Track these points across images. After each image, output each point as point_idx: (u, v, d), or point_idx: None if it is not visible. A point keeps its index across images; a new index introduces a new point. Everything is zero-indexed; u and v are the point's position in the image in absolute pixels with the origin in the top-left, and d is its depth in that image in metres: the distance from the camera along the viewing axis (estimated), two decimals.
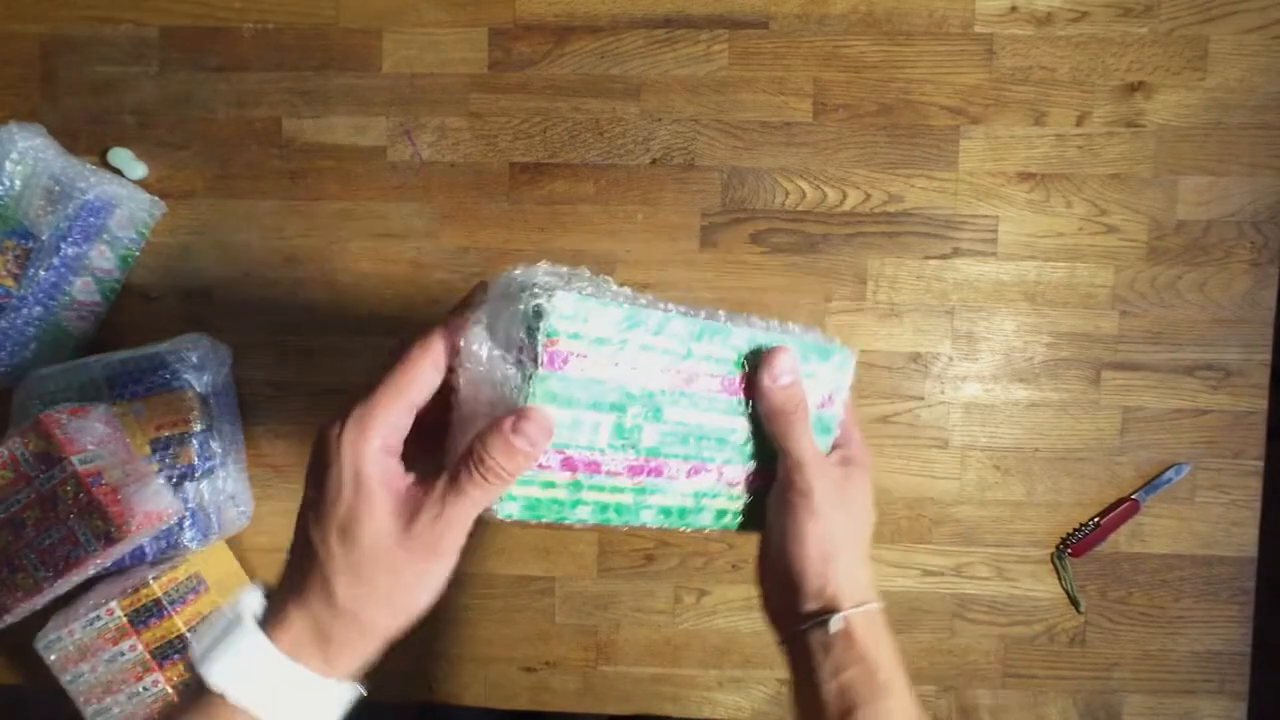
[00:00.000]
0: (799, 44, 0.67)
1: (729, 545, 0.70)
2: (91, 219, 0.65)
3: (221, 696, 0.31)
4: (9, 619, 0.59)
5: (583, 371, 0.33)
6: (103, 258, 0.67)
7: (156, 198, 0.69)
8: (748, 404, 0.39)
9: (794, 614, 0.38)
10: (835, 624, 0.37)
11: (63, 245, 0.64)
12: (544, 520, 0.36)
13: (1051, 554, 0.69)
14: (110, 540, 0.57)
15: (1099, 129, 0.67)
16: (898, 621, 0.69)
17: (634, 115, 0.68)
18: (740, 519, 0.41)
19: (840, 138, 0.68)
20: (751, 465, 0.40)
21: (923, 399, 0.68)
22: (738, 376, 0.38)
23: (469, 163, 0.69)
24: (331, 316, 0.70)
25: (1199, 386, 0.67)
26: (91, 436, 0.59)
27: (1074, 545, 0.68)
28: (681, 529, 0.39)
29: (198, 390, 0.64)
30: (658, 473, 0.37)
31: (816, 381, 0.41)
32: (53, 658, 0.62)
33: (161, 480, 0.63)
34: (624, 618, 0.71)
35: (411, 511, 0.32)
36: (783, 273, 0.68)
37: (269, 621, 0.33)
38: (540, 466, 0.34)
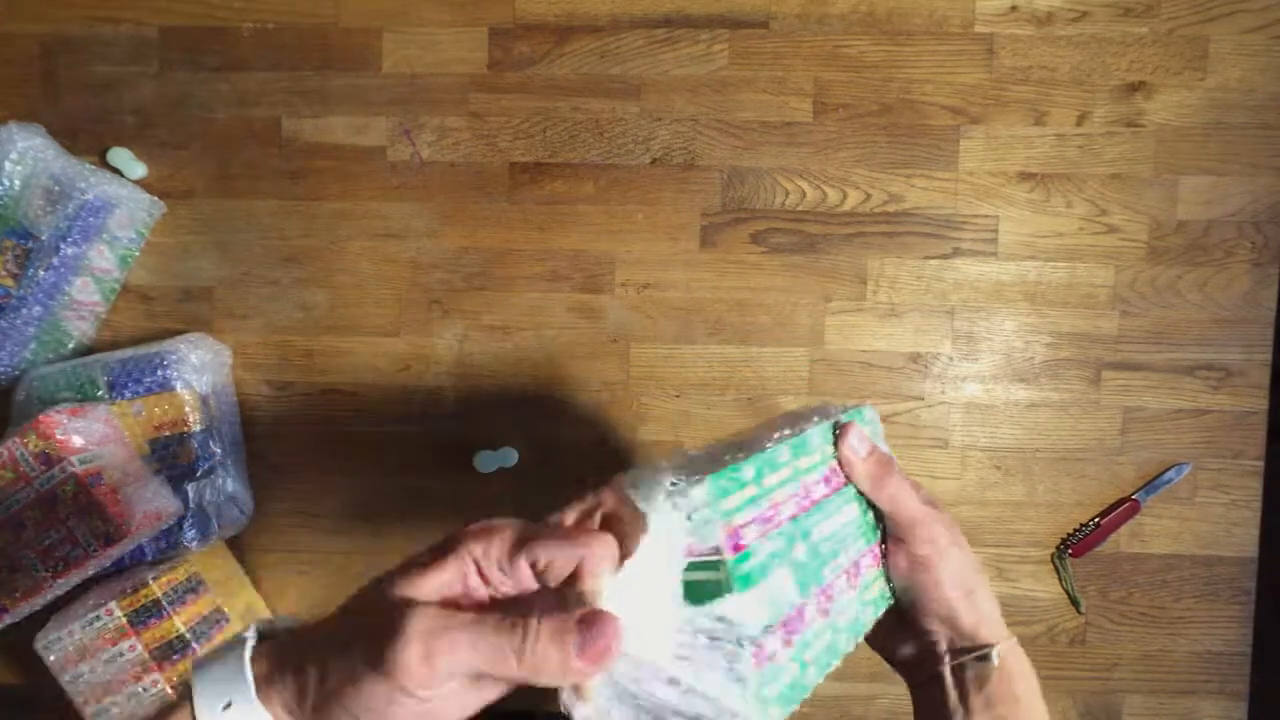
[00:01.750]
0: (799, 44, 0.67)
1: None
2: (91, 219, 0.65)
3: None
4: (9, 619, 0.59)
5: (757, 537, 0.33)
6: (102, 258, 0.67)
7: (156, 198, 0.69)
8: (849, 488, 0.40)
9: (937, 654, 0.40)
10: (996, 657, 0.38)
11: (62, 245, 0.64)
12: (802, 698, 0.34)
13: (1052, 554, 0.69)
14: (110, 540, 0.57)
15: (1099, 129, 0.67)
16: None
17: (634, 115, 0.68)
18: (888, 595, 0.41)
19: (840, 138, 0.68)
20: (875, 542, 0.41)
21: (923, 399, 0.68)
22: (828, 470, 0.39)
23: (469, 163, 0.69)
24: (331, 316, 0.70)
25: (1199, 386, 0.67)
26: (91, 436, 0.59)
27: (1074, 545, 0.68)
28: (860, 638, 0.39)
29: (198, 390, 0.64)
30: (830, 597, 0.36)
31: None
32: (53, 658, 0.62)
33: (161, 480, 0.63)
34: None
35: None
36: (783, 273, 0.68)
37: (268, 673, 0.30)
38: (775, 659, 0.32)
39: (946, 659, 0.39)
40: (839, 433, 0.40)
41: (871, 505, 0.40)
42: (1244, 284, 0.67)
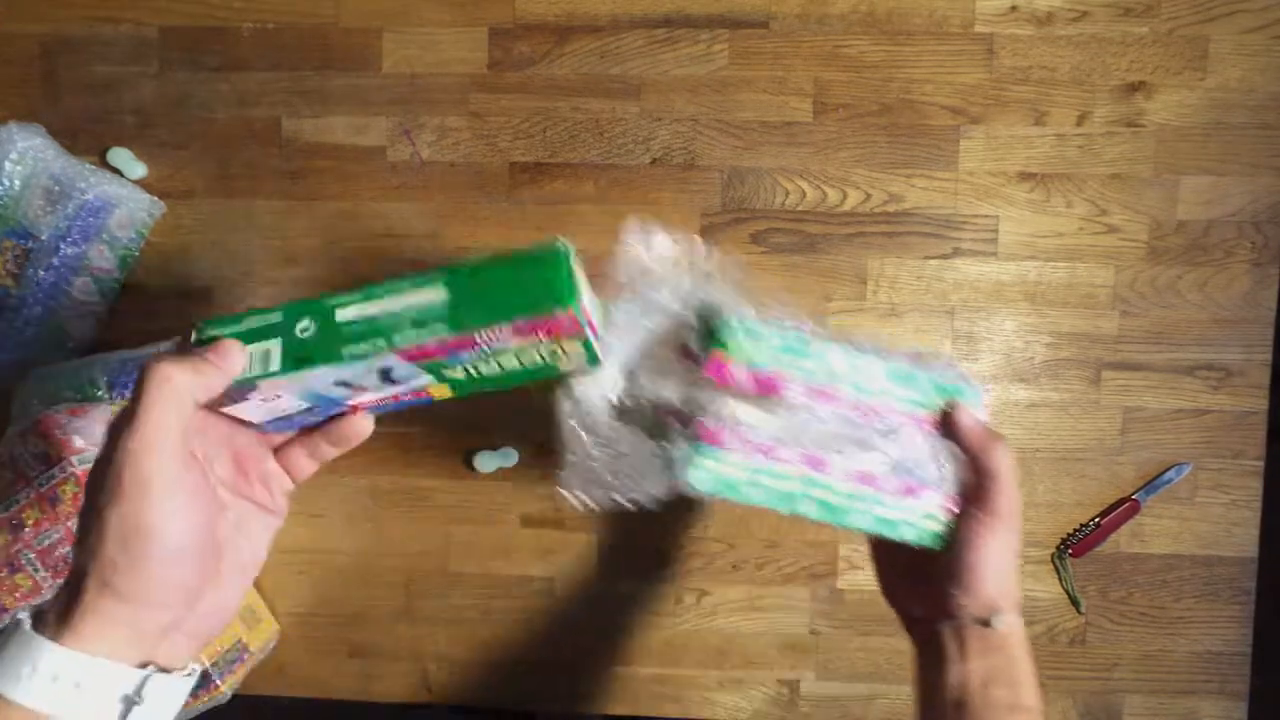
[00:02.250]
0: (799, 44, 0.67)
1: (729, 545, 0.70)
2: (91, 219, 0.65)
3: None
4: (9, 619, 0.59)
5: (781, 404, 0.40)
6: (102, 258, 0.67)
7: (156, 198, 0.69)
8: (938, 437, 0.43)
9: (948, 612, 0.43)
10: (999, 623, 0.41)
11: (62, 245, 0.64)
12: (773, 508, 0.41)
13: (1052, 554, 0.69)
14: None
15: (1099, 129, 0.67)
16: (898, 621, 0.69)
17: (634, 115, 0.68)
18: (936, 540, 0.43)
19: (840, 138, 0.68)
20: (946, 489, 0.43)
21: None
22: (925, 415, 0.43)
23: (469, 162, 0.69)
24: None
25: (1199, 386, 0.67)
26: (91, 436, 0.59)
27: (1074, 545, 0.68)
28: (881, 535, 0.43)
29: None
30: (870, 482, 0.42)
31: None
32: None
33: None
34: (624, 617, 0.70)
35: None
36: (783, 273, 0.68)
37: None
38: (777, 459, 0.40)
39: (955, 616, 0.42)
40: (957, 403, 0.43)
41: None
42: (1244, 284, 0.67)
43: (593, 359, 0.39)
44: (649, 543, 0.70)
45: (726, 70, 0.68)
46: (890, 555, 0.47)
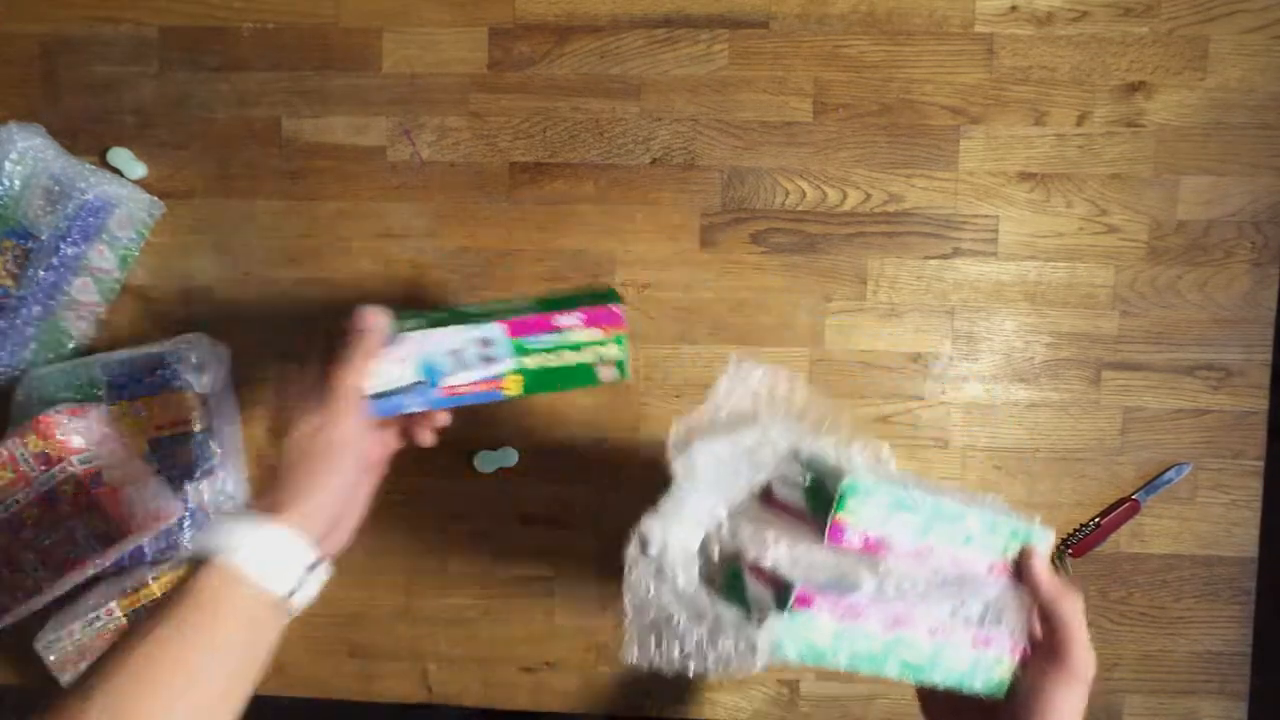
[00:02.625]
0: (799, 44, 0.67)
1: None
2: (91, 219, 0.65)
3: (208, 560, 0.40)
4: (9, 619, 0.59)
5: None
6: (102, 258, 0.67)
7: (156, 198, 0.69)
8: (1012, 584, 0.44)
9: None
10: None
11: (62, 245, 0.64)
12: (860, 671, 0.40)
13: (1052, 554, 0.69)
14: (110, 540, 0.57)
15: (1099, 129, 0.67)
16: None
17: (634, 115, 0.68)
18: (1000, 688, 0.43)
19: (840, 138, 0.68)
20: (1018, 637, 0.43)
21: (923, 399, 0.68)
22: (1000, 560, 0.44)
23: (469, 163, 0.69)
24: (331, 316, 0.70)
25: (1199, 386, 0.67)
26: (91, 436, 0.59)
27: (1074, 545, 0.68)
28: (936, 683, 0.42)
29: (198, 390, 0.64)
30: (941, 634, 0.41)
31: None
32: (52, 658, 0.62)
33: (161, 480, 0.63)
34: (624, 618, 0.70)
35: None
36: (783, 273, 0.68)
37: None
38: (865, 619, 0.39)
39: None
40: (1029, 549, 0.44)
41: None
42: (1244, 284, 0.67)
43: (623, 368, 0.52)
44: None
45: (726, 70, 0.68)
46: (946, 704, 0.46)
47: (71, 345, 0.68)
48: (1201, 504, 0.68)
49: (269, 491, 0.44)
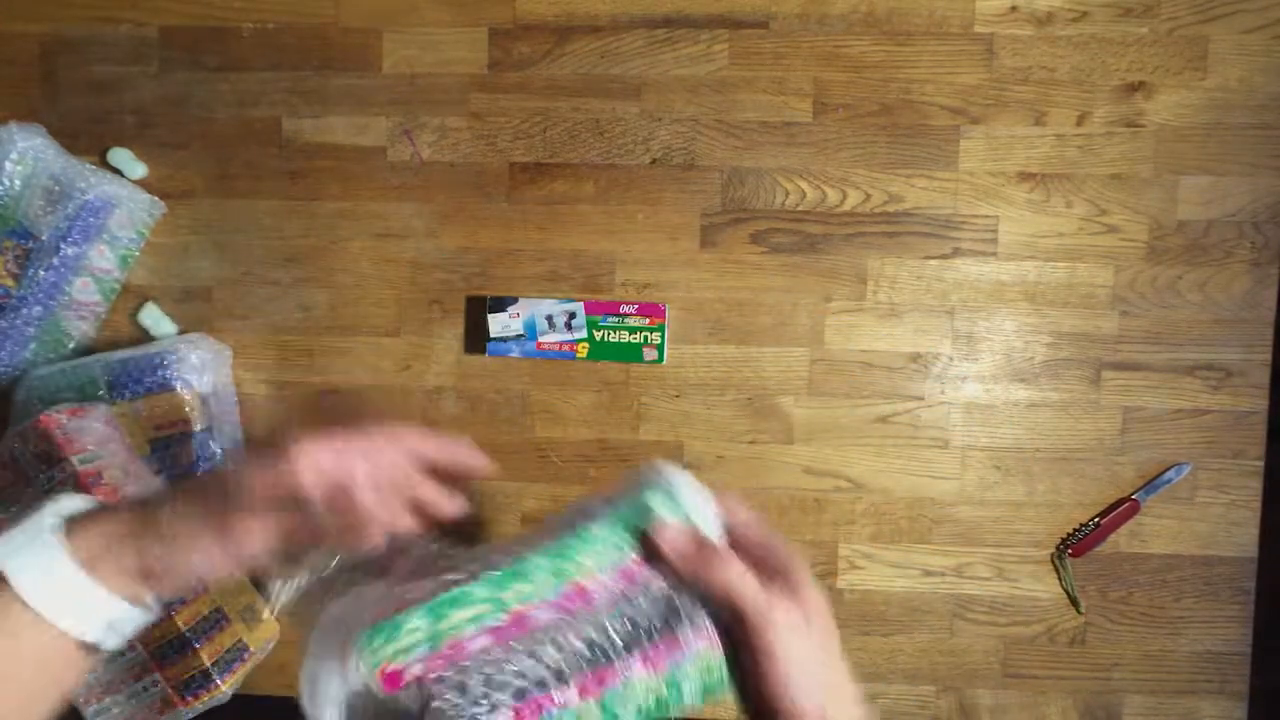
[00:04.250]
0: (799, 44, 0.67)
1: None
2: (91, 219, 0.65)
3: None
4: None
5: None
6: (102, 258, 0.67)
7: (156, 198, 0.69)
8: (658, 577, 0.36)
9: None
10: None
11: (62, 245, 0.64)
12: None
13: (1051, 554, 0.69)
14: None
15: (1099, 129, 0.67)
16: (898, 622, 0.69)
17: (634, 115, 0.68)
18: (724, 676, 0.36)
19: (840, 138, 0.68)
20: (702, 622, 0.36)
21: (923, 399, 0.68)
22: (630, 561, 0.36)
23: (469, 163, 0.69)
24: (331, 316, 0.70)
25: (1199, 386, 0.67)
26: (91, 436, 0.59)
27: (1074, 545, 0.68)
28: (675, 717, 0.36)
29: (198, 390, 0.64)
30: (603, 681, 0.35)
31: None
32: None
33: (161, 480, 0.62)
34: None
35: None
36: (783, 273, 0.68)
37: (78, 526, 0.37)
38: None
39: None
40: (652, 533, 0.36)
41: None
42: (1244, 284, 0.67)
43: (662, 352, 0.67)
44: None
45: (726, 70, 0.68)
46: (743, 702, 0.38)
47: (71, 345, 0.68)
48: (1201, 504, 0.68)
49: (142, 533, 0.37)
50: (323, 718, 0.33)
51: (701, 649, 0.36)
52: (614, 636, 0.35)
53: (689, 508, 0.37)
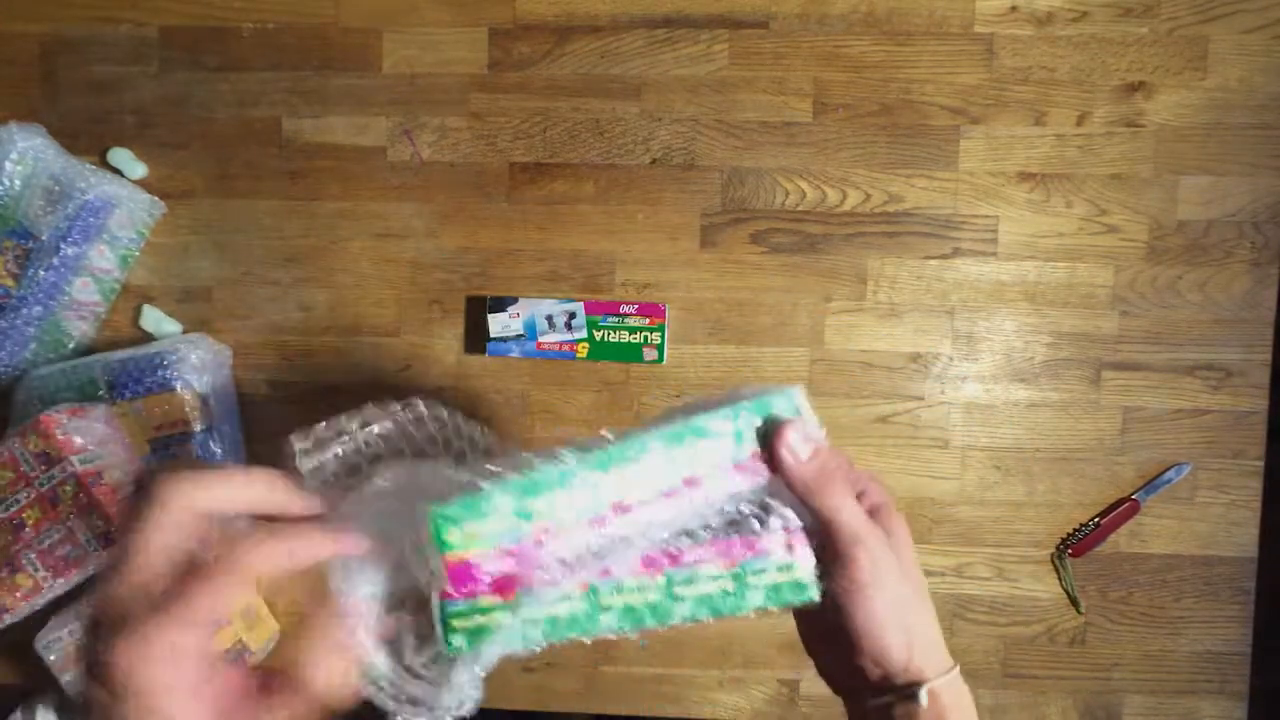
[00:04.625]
0: (799, 44, 0.67)
1: None
2: (91, 219, 0.65)
3: None
4: (9, 619, 0.59)
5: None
6: (102, 258, 0.67)
7: (156, 198, 0.69)
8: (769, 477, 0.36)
9: (873, 686, 0.36)
10: (924, 697, 0.35)
11: (62, 245, 0.64)
12: (573, 636, 0.34)
13: (1051, 554, 0.69)
14: (110, 540, 0.57)
15: (1099, 129, 0.67)
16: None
17: (634, 115, 0.68)
18: (806, 591, 0.36)
19: (840, 138, 0.68)
20: (795, 527, 0.36)
21: (923, 399, 0.68)
22: (747, 457, 0.36)
23: (469, 163, 0.69)
24: (331, 316, 0.70)
25: (1199, 386, 0.67)
26: (91, 436, 0.59)
27: (1074, 545, 0.68)
28: (736, 615, 0.36)
29: (198, 390, 0.64)
30: (675, 560, 0.35)
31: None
32: (52, 658, 0.62)
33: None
34: None
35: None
36: (783, 273, 0.68)
37: None
38: (548, 582, 0.32)
39: (870, 697, 0.36)
40: (772, 429, 0.35)
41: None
42: (1244, 284, 0.67)
43: (662, 352, 0.67)
44: None
45: (726, 70, 0.68)
46: (811, 627, 0.40)
47: (71, 345, 0.68)
48: (1201, 504, 0.68)
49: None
50: (361, 611, 0.30)
51: (780, 556, 0.35)
52: (694, 523, 0.35)
53: (807, 419, 0.36)
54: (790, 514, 0.35)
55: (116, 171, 0.69)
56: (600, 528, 0.33)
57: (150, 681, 0.26)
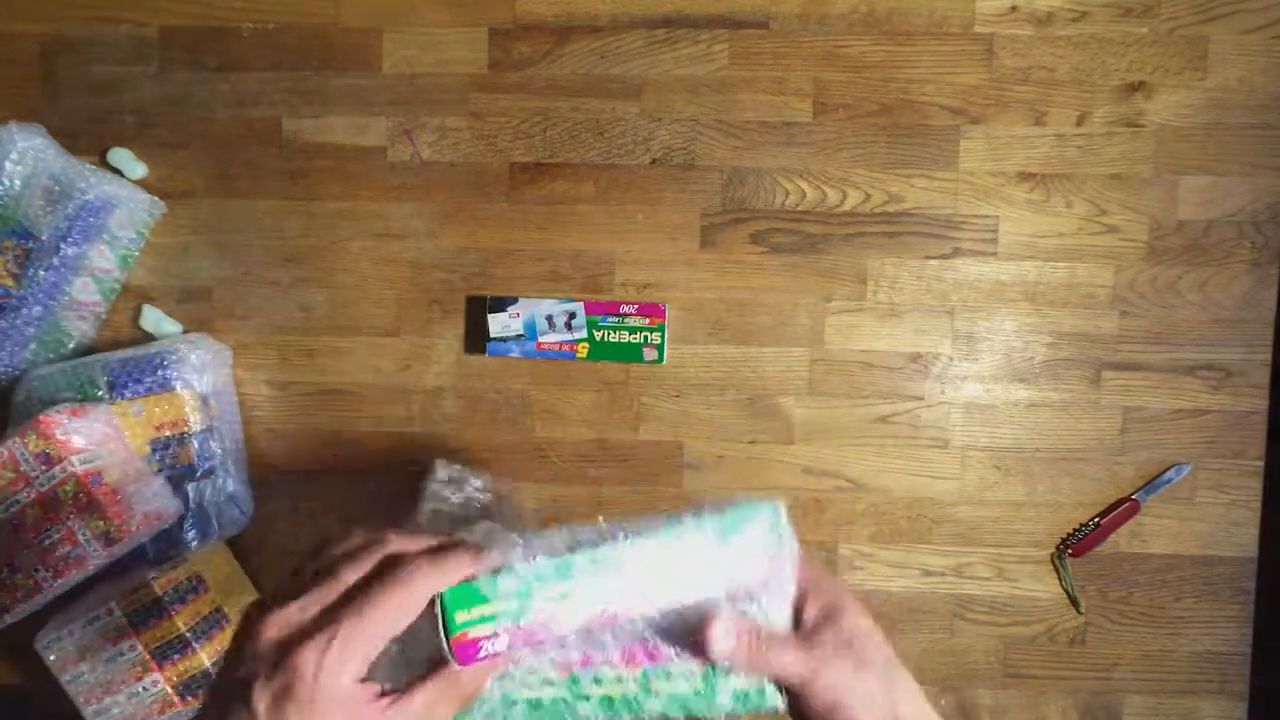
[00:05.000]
0: (799, 44, 0.67)
1: None
2: (91, 219, 0.65)
3: None
4: (9, 619, 0.59)
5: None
6: (102, 258, 0.67)
7: (156, 198, 0.69)
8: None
9: None
10: None
11: (62, 245, 0.64)
12: None
13: (1051, 554, 0.69)
14: (110, 540, 0.57)
15: (1099, 129, 0.67)
16: (898, 622, 0.69)
17: (634, 115, 0.68)
18: (768, 700, 0.38)
19: (840, 138, 0.68)
20: None
21: (923, 399, 0.68)
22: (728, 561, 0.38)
23: (469, 163, 0.69)
24: (331, 316, 0.70)
25: (1199, 386, 0.67)
26: (91, 436, 0.59)
27: (1074, 545, 0.68)
28: (708, 717, 0.38)
29: (198, 390, 0.64)
30: (654, 657, 0.37)
31: (748, 558, 0.39)
32: (53, 658, 0.62)
33: (161, 480, 0.63)
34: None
35: None
36: (783, 273, 0.68)
37: None
38: (532, 661, 0.36)
39: None
40: (701, 628, 0.37)
41: None
42: (1244, 284, 0.67)
43: (662, 352, 0.67)
44: None
45: (726, 70, 0.68)
46: None
47: (71, 345, 0.68)
48: (1201, 504, 0.68)
49: None
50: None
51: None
52: (669, 624, 0.37)
53: (785, 539, 0.39)
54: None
55: (116, 171, 0.69)
56: (591, 617, 0.36)
57: (337, 687, 0.30)
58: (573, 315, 0.67)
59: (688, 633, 0.37)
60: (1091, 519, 0.68)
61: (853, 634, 0.38)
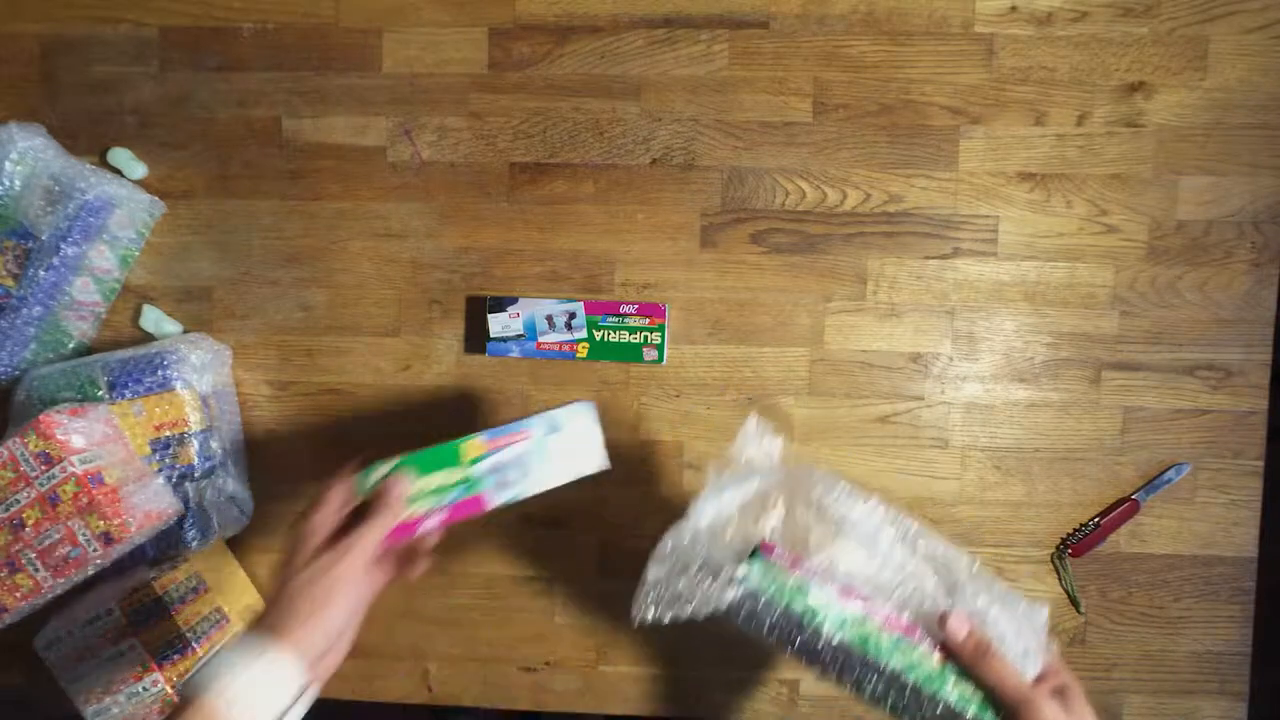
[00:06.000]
0: (799, 44, 0.67)
1: None
2: (91, 219, 0.65)
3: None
4: (9, 619, 0.59)
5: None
6: (102, 258, 0.67)
7: (156, 198, 0.69)
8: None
9: None
10: None
11: (62, 245, 0.64)
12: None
13: (1051, 554, 0.69)
14: (110, 540, 0.57)
15: (1099, 129, 0.67)
16: None
17: (634, 115, 0.68)
18: (988, 714, 0.45)
19: (840, 138, 0.68)
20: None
21: (923, 399, 0.68)
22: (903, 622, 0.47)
23: (469, 163, 0.69)
24: (331, 316, 0.70)
25: (1199, 386, 0.67)
26: (91, 436, 0.59)
27: (1074, 545, 0.68)
28: (926, 690, 0.45)
29: (198, 390, 0.64)
30: (909, 632, 0.46)
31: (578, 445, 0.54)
32: (53, 658, 0.62)
33: (161, 480, 0.63)
34: (624, 618, 0.70)
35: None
36: (783, 273, 0.68)
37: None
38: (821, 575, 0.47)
39: None
40: (944, 615, 0.46)
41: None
42: (1244, 284, 0.67)
43: (661, 352, 0.67)
44: (649, 543, 0.70)
45: (726, 70, 0.68)
46: None
47: (71, 345, 0.68)
48: (1201, 504, 0.68)
49: (271, 615, 0.46)
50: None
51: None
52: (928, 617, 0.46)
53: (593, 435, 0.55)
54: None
55: (116, 171, 0.69)
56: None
57: (353, 571, 0.48)
58: (573, 315, 0.67)
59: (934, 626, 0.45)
60: (1091, 519, 0.68)
61: (1074, 701, 0.44)
